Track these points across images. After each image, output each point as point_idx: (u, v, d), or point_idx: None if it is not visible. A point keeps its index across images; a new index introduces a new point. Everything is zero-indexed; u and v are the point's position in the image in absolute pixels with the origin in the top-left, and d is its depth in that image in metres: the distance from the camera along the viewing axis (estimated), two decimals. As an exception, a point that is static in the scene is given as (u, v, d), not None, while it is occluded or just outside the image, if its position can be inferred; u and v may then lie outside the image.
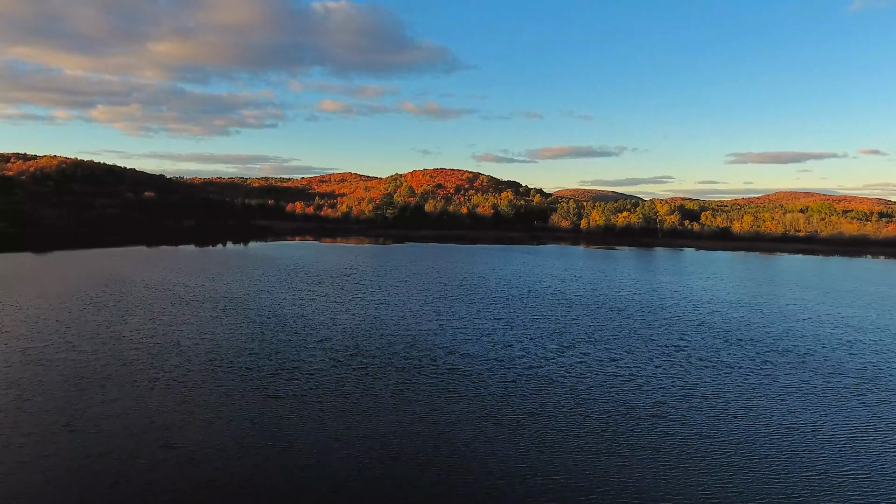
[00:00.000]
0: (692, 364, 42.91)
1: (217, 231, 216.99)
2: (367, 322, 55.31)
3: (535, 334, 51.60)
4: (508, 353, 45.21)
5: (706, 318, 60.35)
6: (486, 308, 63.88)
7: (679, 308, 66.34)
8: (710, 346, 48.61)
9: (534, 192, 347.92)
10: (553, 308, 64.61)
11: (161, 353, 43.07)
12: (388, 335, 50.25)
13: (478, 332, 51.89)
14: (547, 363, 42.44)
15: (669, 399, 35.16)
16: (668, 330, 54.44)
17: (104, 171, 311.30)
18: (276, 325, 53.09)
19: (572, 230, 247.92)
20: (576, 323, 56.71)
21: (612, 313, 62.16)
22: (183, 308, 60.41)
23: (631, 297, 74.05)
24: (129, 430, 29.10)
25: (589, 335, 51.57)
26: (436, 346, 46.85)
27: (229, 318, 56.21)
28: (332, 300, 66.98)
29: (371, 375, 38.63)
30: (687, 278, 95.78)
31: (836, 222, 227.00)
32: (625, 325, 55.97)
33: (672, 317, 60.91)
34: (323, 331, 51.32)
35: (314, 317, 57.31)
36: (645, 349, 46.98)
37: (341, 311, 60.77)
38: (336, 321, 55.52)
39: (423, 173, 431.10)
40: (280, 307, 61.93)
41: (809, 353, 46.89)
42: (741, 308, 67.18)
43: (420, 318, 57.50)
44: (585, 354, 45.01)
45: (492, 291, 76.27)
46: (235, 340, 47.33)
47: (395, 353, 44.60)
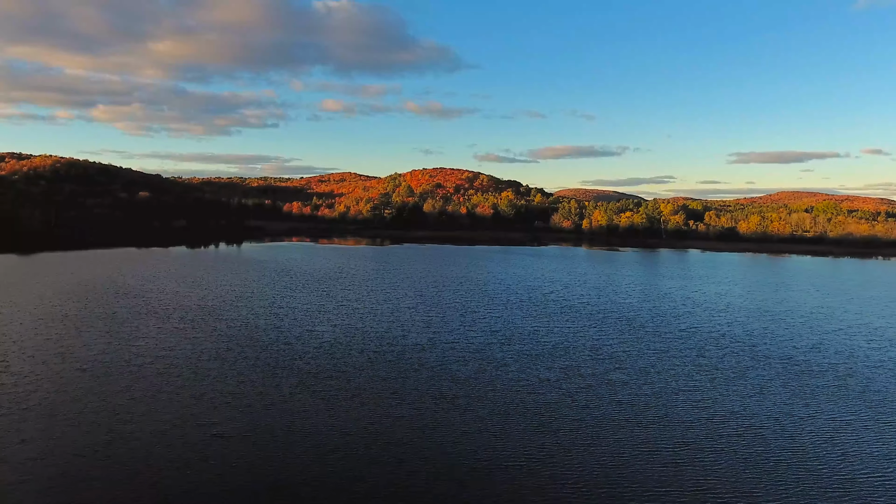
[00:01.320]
0: (717, 389, 37.10)
1: (208, 232, 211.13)
2: (347, 335, 49.56)
3: (534, 351, 45.82)
4: (503, 375, 39.41)
5: (725, 330, 54.54)
6: (481, 319, 58.12)
7: (694, 318, 60.53)
8: (734, 364, 42.80)
9: (535, 192, 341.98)
10: (555, 318, 58.85)
11: (107, 375, 37.31)
12: (370, 351, 44.47)
13: (470, 348, 46.10)
14: (548, 388, 36.65)
15: (695, 437, 29.37)
16: (685, 344, 48.62)
17: (98, 170, 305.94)
18: (243, 341, 47.32)
19: (574, 230, 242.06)
20: (581, 336, 50.93)
21: (620, 324, 56.38)
22: (146, 320, 54.66)
23: (640, 304, 68.27)
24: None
25: (596, 351, 45.78)
26: (422, 365, 41.06)
27: (195, 331, 50.44)
28: (313, 309, 61.23)
29: (342, 403, 32.90)
30: (698, 283, 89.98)
31: (843, 222, 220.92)
32: (636, 339, 50.17)
33: (687, 328, 55.11)
34: (297, 346, 45.55)
35: (290, 329, 51.55)
36: (660, 369, 41.19)
37: (320, 322, 54.99)
38: (313, 335, 49.73)
39: (423, 173, 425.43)
40: (253, 318, 56.17)
41: (849, 373, 41.08)
42: (762, 317, 61.36)
43: (407, 331, 51.74)
44: (593, 376, 39.23)
45: (489, 299, 70.52)
46: (192, 361, 41.57)
47: (374, 373, 38.82)
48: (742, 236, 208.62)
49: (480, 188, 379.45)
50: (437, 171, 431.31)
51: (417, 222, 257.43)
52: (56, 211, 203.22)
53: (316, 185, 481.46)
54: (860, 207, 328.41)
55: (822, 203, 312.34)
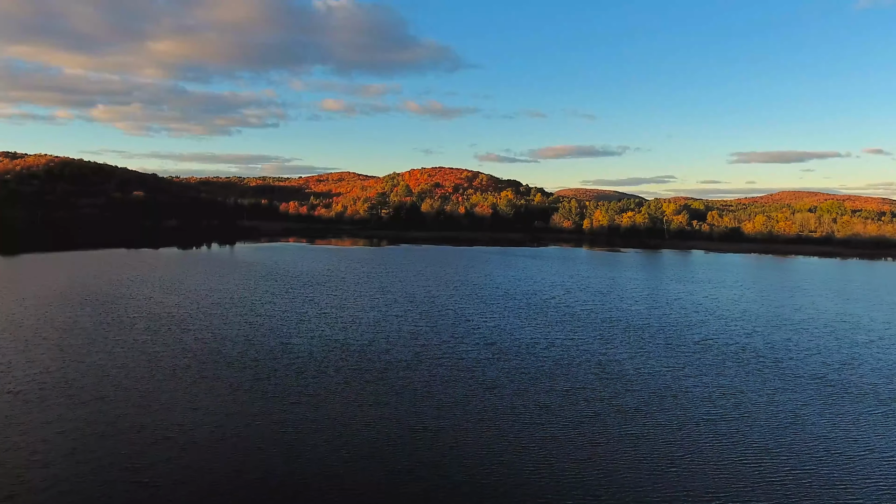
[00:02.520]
0: (745, 419, 31.97)
1: (200, 232, 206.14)
2: (324, 349, 44.47)
3: (532, 368, 40.73)
4: (496, 401, 34.32)
5: (744, 342, 49.42)
6: (474, 329, 53.01)
7: (708, 328, 55.39)
8: (760, 386, 37.71)
9: (534, 192, 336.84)
10: (556, 328, 53.75)
11: (41, 402, 32.22)
12: (346, 369, 39.37)
13: (461, 365, 41.00)
14: (548, 417, 31.57)
15: (724, 482, 24.28)
16: (702, 360, 43.52)
17: (93, 170, 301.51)
18: (205, 356, 42.21)
19: (575, 231, 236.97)
20: (585, 350, 45.83)
21: (628, 335, 51.27)
22: (106, 332, 49.56)
23: (648, 312, 63.17)
24: None
25: (602, 369, 40.69)
26: (405, 387, 35.93)
27: (155, 345, 45.33)
28: (291, 318, 56.10)
29: (307, 435, 27.80)
30: (707, 287, 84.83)
31: (850, 223, 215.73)
32: (646, 354, 45.08)
33: (702, 340, 49.99)
34: (266, 363, 40.43)
35: (262, 341, 46.44)
36: (676, 392, 36.09)
37: (297, 333, 49.85)
38: (286, 349, 44.62)
39: (422, 172, 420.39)
40: (224, 328, 51.06)
41: (894, 396, 35.98)
42: (782, 327, 56.22)
43: (392, 344, 46.64)
44: (600, 401, 34.12)
45: (484, 305, 65.44)
46: (144, 382, 36.46)
47: (348, 397, 33.73)
48: (747, 237, 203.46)
49: (480, 188, 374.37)
50: (436, 170, 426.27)
51: (415, 222, 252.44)
52: (43, 211, 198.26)
53: (314, 185, 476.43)
54: (862, 207, 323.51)
55: (826, 203, 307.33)
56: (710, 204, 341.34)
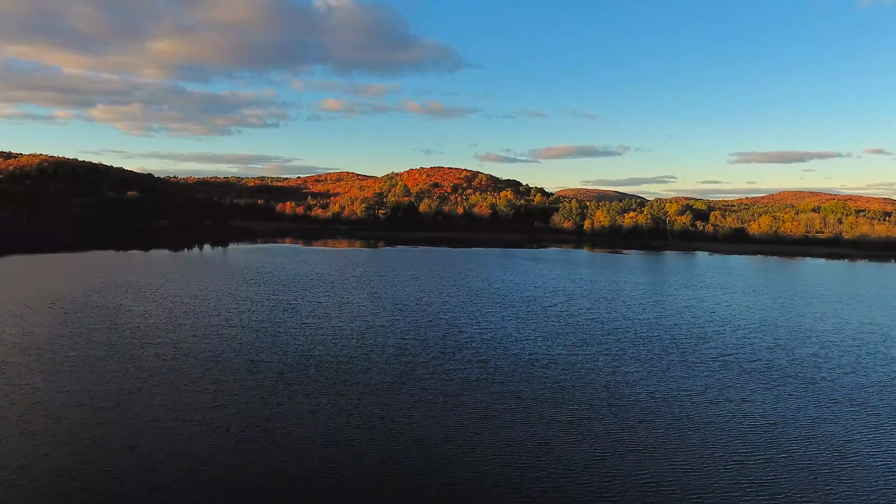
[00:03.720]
0: (783, 460, 27.02)
1: (191, 233, 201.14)
2: (298, 369, 39.50)
3: (532, 393, 35.78)
4: (487, 432, 29.35)
5: (769, 358, 44.39)
6: (467, 343, 48.06)
7: (725, 340, 50.38)
8: (794, 413, 32.73)
9: (534, 192, 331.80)
10: (558, 342, 48.79)
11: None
12: (318, 394, 34.44)
13: (449, 390, 36.05)
14: (549, 456, 26.63)
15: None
16: (724, 381, 38.53)
17: (87, 169, 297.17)
18: (163, 376, 37.23)
19: (575, 231, 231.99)
20: (591, 370, 40.88)
21: (638, 350, 46.32)
22: (59, 346, 44.61)
23: (658, 321, 58.18)
24: None
25: (611, 394, 35.72)
26: (381, 419, 31.02)
27: (114, 363, 40.37)
28: (267, 329, 51.13)
29: (257, 479, 22.90)
30: (718, 292, 79.78)
31: (857, 223, 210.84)
32: (660, 373, 40.13)
33: (721, 356, 45.01)
34: (230, 384, 35.50)
35: (230, 357, 41.48)
36: (699, 423, 31.13)
37: (270, 347, 44.87)
38: (254, 366, 39.63)
39: (420, 172, 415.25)
40: (192, 340, 46.09)
41: (949, 427, 31.06)
42: (807, 340, 51.19)
43: (373, 361, 41.69)
44: (609, 436, 29.17)
45: (479, 314, 60.49)
46: (86, 409, 31.53)
47: (314, 431, 28.82)
48: (752, 237, 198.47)
49: (479, 188, 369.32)
50: (435, 170, 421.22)
51: (412, 223, 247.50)
52: (29, 211, 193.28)
53: (313, 185, 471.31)
54: (864, 207, 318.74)
55: (831, 203, 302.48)
56: (712, 204, 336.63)
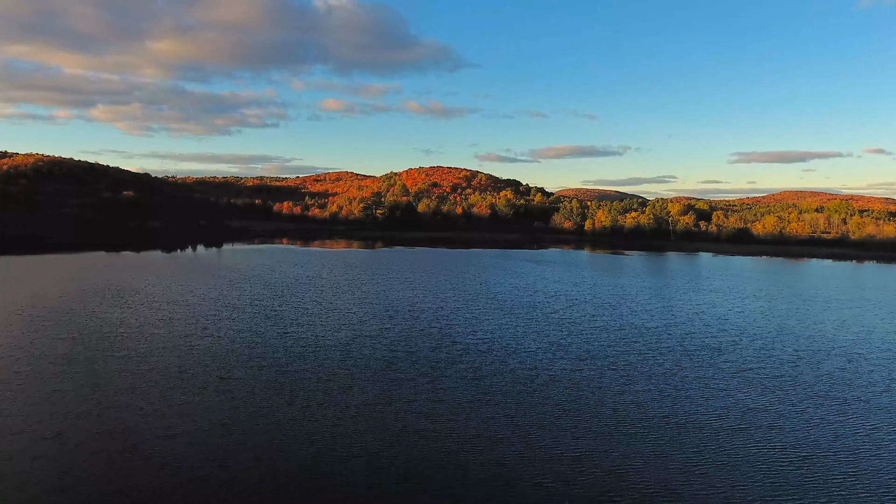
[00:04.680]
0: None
1: (186, 233, 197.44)
2: (267, 384, 35.71)
3: (530, 418, 31.98)
4: (479, 469, 25.58)
5: (794, 374, 40.47)
6: (461, 356, 44.26)
7: (743, 352, 46.49)
8: (830, 441, 28.92)
9: (534, 192, 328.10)
10: (560, 354, 44.98)
11: None
12: (286, 422, 30.67)
13: (437, 413, 32.26)
14: (549, 499, 22.85)
15: None
16: (745, 403, 34.68)
17: (84, 169, 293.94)
18: (122, 397, 33.46)
19: (576, 232, 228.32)
20: (597, 387, 37.05)
21: (648, 364, 42.51)
22: (21, 358, 40.86)
23: (667, 330, 54.31)
24: None
25: (621, 417, 31.89)
26: (361, 448, 27.24)
27: (64, 381, 36.60)
28: (241, 340, 47.31)
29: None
30: (728, 297, 75.85)
31: (863, 223, 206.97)
32: (674, 392, 36.32)
33: (740, 370, 41.15)
34: (195, 405, 31.73)
35: (198, 372, 37.64)
36: (721, 454, 27.32)
37: (246, 359, 41.02)
38: (224, 386, 35.83)
39: (419, 171, 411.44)
40: (159, 354, 42.27)
41: None
42: (831, 351, 47.24)
43: (357, 377, 37.90)
44: (617, 471, 25.36)
45: (476, 323, 56.69)
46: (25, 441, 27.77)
47: (283, 466, 25.06)
48: (756, 238, 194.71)
49: (478, 187, 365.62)
50: (434, 169, 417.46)
51: (411, 223, 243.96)
52: (22, 211, 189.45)
53: (311, 185, 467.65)
54: (865, 207, 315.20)
55: (834, 203, 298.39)
56: (714, 204, 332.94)
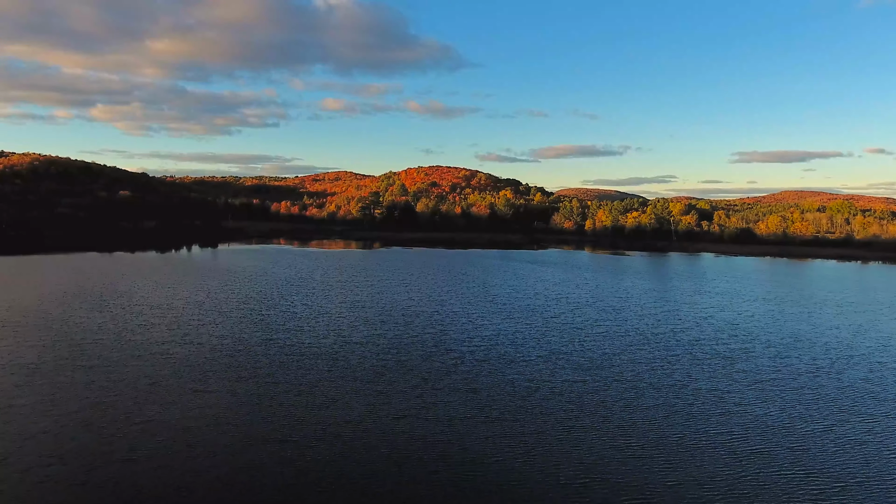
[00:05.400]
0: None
1: (180, 234, 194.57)
2: (249, 396, 32.74)
3: (529, 434, 28.99)
4: (468, 498, 22.62)
5: (816, 386, 37.42)
6: (456, 366, 41.28)
7: (758, 362, 43.50)
8: (862, 465, 26.01)
9: (534, 191, 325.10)
10: (563, 361, 42.01)
11: None
12: (271, 435, 27.72)
13: (428, 434, 29.27)
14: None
15: None
16: (766, 421, 31.66)
17: (80, 168, 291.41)
18: (82, 412, 30.47)
19: (576, 232, 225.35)
20: (602, 401, 34.04)
21: (656, 374, 39.53)
22: (-27, 369, 37.95)
23: (675, 335, 51.33)
24: None
25: (628, 439, 28.88)
26: (341, 472, 24.26)
27: (23, 396, 33.66)
28: (225, 346, 44.35)
29: None
30: (737, 300, 72.80)
31: (868, 223, 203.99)
32: (686, 405, 33.33)
33: (756, 383, 38.12)
34: (153, 436, 28.77)
35: (171, 387, 34.73)
36: (746, 487, 24.41)
37: (223, 370, 38.07)
38: (197, 399, 32.84)
39: (418, 171, 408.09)
40: (132, 365, 39.27)
41: None
42: (852, 360, 44.13)
43: (343, 391, 34.91)
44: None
45: (473, 329, 53.72)
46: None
47: (257, 493, 22.10)
48: (760, 238, 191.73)
49: (478, 187, 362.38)
50: (433, 169, 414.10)
51: (409, 223, 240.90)
52: (11, 211, 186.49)
53: (310, 185, 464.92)
54: (866, 207, 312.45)
55: (836, 202, 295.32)
56: (715, 204, 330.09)
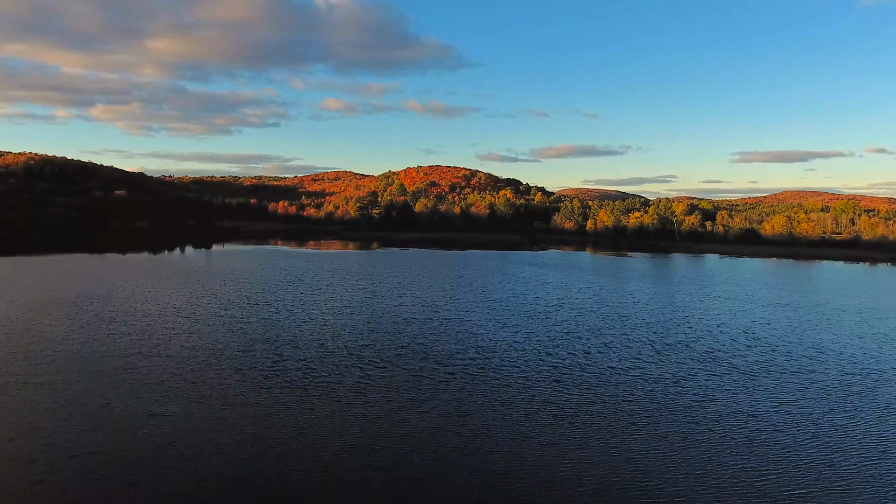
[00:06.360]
0: None
1: (173, 234, 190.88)
2: (211, 422, 28.99)
3: (526, 467, 25.26)
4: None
5: (850, 410, 33.50)
6: (448, 382, 37.48)
7: (782, 378, 39.68)
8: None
9: (535, 191, 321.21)
10: (567, 377, 38.22)
11: None
12: (227, 470, 23.97)
13: (417, 469, 25.54)
14: None
15: None
16: (800, 452, 27.80)
17: (75, 168, 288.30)
18: (21, 440, 26.75)
19: (577, 232, 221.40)
20: (609, 428, 30.23)
21: (669, 393, 35.71)
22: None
23: (687, 346, 47.56)
24: None
25: (641, 473, 25.18)
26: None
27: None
28: (196, 358, 40.59)
29: None
30: (749, 305, 68.96)
31: (875, 224, 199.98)
32: (705, 430, 29.53)
33: (783, 404, 34.34)
34: (101, 466, 25.04)
35: (129, 405, 31.00)
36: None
37: (181, 389, 34.29)
38: (150, 422, 29.08)
39: (418, 170, 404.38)
40: (87, 380, 35.51)
41: None
42: (884, 376, 40.37)
43: (318, 413, 31.18)
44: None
45: (469, 337, 49.94)
46: None
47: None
48: (765, 239, 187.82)
49: (478, 186, 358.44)
50: (433, 168, 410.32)
51: (407, 223, 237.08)
52: (2, 211, 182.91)
53: (309, 184, 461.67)
54: (868, 207, 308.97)
55: (841, 202, 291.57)
56: (717, 204, 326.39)
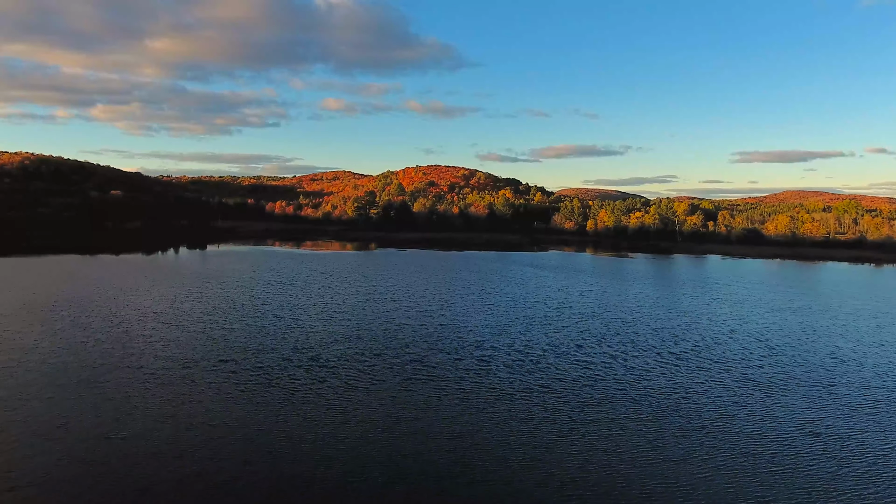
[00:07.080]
0: None
1: (167, 234, 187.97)
2: (180, 444, 26.23)
3: (526, 497, 22.48)
4: None
5: (882, 429, 30.92)
6: (441, 396, 34.69)
7: (803, 391, 36.88)
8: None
9: (534, 191, 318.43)
10: (568, 392, 35.42)
11: None
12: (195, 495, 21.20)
13: (399, 492, 22.76)
14: None
15: None
16: (833, 482, 25.23)
17: (72, 168, 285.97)
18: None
19: (577, 232, 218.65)
20: (615, 451, 27.46)
21: (681, 410, 32.89)
22: None
23: (698, 355, 44.76)
24: None
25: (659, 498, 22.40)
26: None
27: None
28: (170, 369, 37.76)
29: None
30: (759, 310, 66.16)
31: (879, 224, 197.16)
32: (723, 453, 26.77)
33: (809, 422, 31.53)
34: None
35: (86, 423, 28.24)
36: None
37: (153, 407, 31.54)
38: (116, 447, 26.31)
39: (417, 170, 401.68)
40: (49, 393, 32.78)
41: None
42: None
43: (297, 434, 28.44)
44: None
45: (464, 348, 47.15)
46: None
47: None
48: (768, 239, 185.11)
49: (477, 186, 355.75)
50: (432, 168, 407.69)
51: (406, 223, 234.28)
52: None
53: (308, 184, 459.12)
54: (869, 206, 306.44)
55: (843, 202, 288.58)
56: (718, 204, 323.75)
